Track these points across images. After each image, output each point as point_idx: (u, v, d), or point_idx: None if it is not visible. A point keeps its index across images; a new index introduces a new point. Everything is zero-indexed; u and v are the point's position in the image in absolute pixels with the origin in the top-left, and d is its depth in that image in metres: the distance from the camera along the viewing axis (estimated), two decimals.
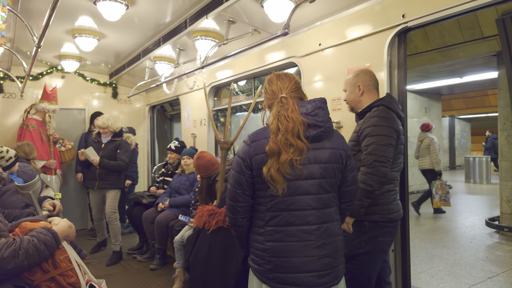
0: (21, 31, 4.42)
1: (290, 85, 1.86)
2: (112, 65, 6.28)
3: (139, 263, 4.79)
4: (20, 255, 1.71)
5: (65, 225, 2.06)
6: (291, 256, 1.73)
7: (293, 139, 1.69)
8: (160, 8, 3.83)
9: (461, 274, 4.32)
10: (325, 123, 1.77)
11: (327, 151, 1.77)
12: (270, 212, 1.77)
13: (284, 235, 1.74)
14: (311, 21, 3.48)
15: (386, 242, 2.51)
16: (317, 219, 1.75)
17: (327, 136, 1.80)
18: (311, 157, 1.74)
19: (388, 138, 2.34)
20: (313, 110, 1.77)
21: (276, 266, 1.74)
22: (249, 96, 5.01)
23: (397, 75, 2.83)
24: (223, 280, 2.63)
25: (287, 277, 1.73)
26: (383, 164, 2.30)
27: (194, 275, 2.90)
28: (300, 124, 1.72)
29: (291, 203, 1.74)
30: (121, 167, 4.90)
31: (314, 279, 1.73)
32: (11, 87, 5.98)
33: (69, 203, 6.28)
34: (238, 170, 1.81)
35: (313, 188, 1.74)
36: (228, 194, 1.86)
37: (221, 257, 2.68)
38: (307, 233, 1.74)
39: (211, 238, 2.75)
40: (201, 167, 3.61)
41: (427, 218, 7.42)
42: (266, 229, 1.78)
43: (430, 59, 6.84)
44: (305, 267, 1.72)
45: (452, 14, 2.46)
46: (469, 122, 20.78)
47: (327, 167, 1.76)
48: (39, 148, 5.39)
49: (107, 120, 4.94)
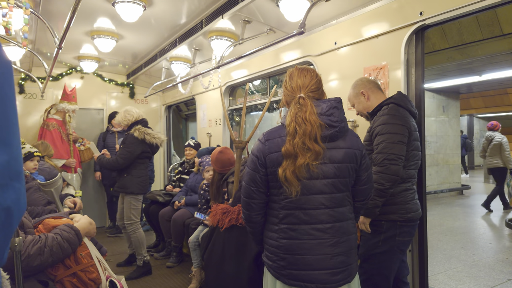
0: (42, 33, 4.53)
1: (311, 84, 1.85)
2: (130, 65, 6.38)
3: (156, 260, 4.85)
4: (45, 253, 1.77)
5: (86, 222, 2.11)
6: (304, 253, 1.74)
7: (310, 142, 1.69)
8: (177, 9, 3.88)
9: (480, 276, 4.25)
10: (340, 123, 1.76)
11: (341, 151, 1.77)
12: (284, 210, 1.78)
13: (297, 233, 1.75)
14: (326, 20, 3.47)
15: (404, 242, 2.48)
16: (330, 217, 1.76)
17: (342, 136, 1.79)
18: (325, 157, 1.74)
19: (397, 136, 2.32)
20: (328, 110, 1.77)
21: (290, 263, 1.76)
22: (264, 96, 5.02)
23: (414, 73, 2.80)
24: (237, 277, 2.66)
25: (300, 274, 1.74)
26: (393, 162, 2.29)
27: (209, 272, 2.94)
28: (318, 127, 1.71)
29: (305, 202, 1.75)
30: (111, 165, 4.29)
31: (327, 276, 1.73)
32: (32, 87, 6.13)
33: (88, 201, 6.41)
34: (252, 167, 1.82)
35: (326, 187, 1.75)
36: (243, 191, 1.88)
37: (235, 255, 2.72)
38: (320, 231, 1.75)
39: (225, 236, 2.79)
40: (219, 162, 3.66)
41: (444, 219, 7.31)
42: (280, 226, 1.79)
43: (448, 57, 6.72)
44: (319, 264, 1.73)
45: (470, 11, 2.42)
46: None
47: (341, 167, 1.76)
48: (59, 147, 5.52)
49: (119, 116, 4.57)
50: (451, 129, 10.51)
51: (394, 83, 2.84)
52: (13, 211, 0.55)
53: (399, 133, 2.33)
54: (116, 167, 4.27)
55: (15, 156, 0.55)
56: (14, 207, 0.55)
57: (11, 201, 0.54)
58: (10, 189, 0.54)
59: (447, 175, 10.25)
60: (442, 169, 10.17)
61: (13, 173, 0.55)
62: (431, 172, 9.83)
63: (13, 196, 0.55)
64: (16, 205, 0.55)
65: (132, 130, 4.27)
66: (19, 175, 0.56)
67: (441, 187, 10.05)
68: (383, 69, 2.94)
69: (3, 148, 0.53)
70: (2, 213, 0.53)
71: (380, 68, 2.97)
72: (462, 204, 9.02)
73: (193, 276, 3.93)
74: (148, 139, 4.25)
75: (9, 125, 0.55)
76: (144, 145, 4.27)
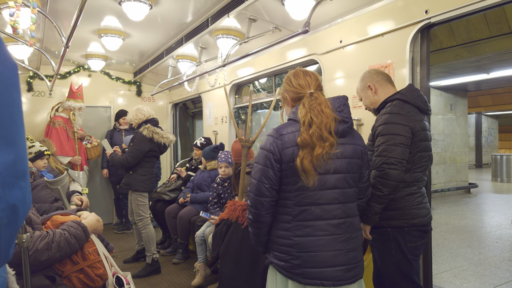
0: (50, 32, 4.58)
1: (317, 83, 1.90)
2: (136, 63, 6.42)
3: (162, 256, 4.89)
4: (52, 248, 1.80)
5: (93, 219, 2.14)
6: (319, 250, 1.73)
7: (326, 133, 1.72)
8: (183, 7, 3.90)
9: (485, 274, 4.23)
10: (350, 119, 1.83)
11: (350, 146, 1.82)
12: (298, 206, 1.77)
13: (312, 230, 1.75)
14: (332, 18, 3.47)
15: (417, 247, 2.27)
16: (343, 213, 1.78)
17: (351, 132, 1.85)
18: (338, 152, 1.77)
19: (399, 137, 2.14)
20: (339, 106, 1.83)
21: (305, 261, 1.74)
22: (269, 94, 5.03)
23: (419, 71, 2.79)
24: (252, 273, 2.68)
25: (315, 272, 1.73)
26: (392, 166, 2.11)
27: (224, 266, 2.94)
28: (333, 120, 1.75)
29: (320, 197, 1.75)
30: (121, 163, 4.26)
31: (342, 273, 1.74)
32: (40, 85, 6.20)
33: (96, 198, 6.47)
34: (265, 163, 1.78)
35: (339, 182, 1.78)
36: (253, 189, 1.82)
37: (251, 255, 2.71)
38: (334, 227, 1.76)
39: (244, 233, 2.80)
40: (234, 151, 3.75)
41: (451, 217, 7.27)
42: (294, 223, 1.77)
43: (455, 55, 6.67)
44: (333, 261, 1.74)
45: (477, 9, 2.41)
46: (497, 119, 20.12)
47: (351, 162, 1.81)
48: (65, 145, 5.58)
49: (130, 114, 4.56)
50: (459, 127, 10.44)
51: (400, 81, 2.83)
52: (19, 208, 0.57)
53: (401, 135, 2.14)
54: (126, 166, 4.27)
55: (21, 155, 0.58)
56: (20, 204, 0.57)
57: (17, 199, 0.57)
58: (17, 188, 0.56)
59: (454, 174, 10.19)
60: (450, 168, 10.12)
61: (19, 172, 0.57)
62: (438, 171, 9.78)
63: (19, 194, 0.57)
64: (22, 203, 0.58)
65: (141, 129, 4.27)
66: (24, 174, 0.59)
67: (448, 185, 9.99)
68: (388, 68, 2.94)
69: (10, 148, 0.56)
70: (9, 210, 0.55)
71: (385, 66, 2.97)
72: (469, 203, 8.96)
73: (197, 271, 3.97)
74: (156, 138, 4.23)
75: (16, 126, 0.57)
76: (152, 143, 4.25)
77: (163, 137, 4.30)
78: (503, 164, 12.91)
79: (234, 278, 2.80)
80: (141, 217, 4.32)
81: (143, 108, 4.46)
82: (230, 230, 2.95)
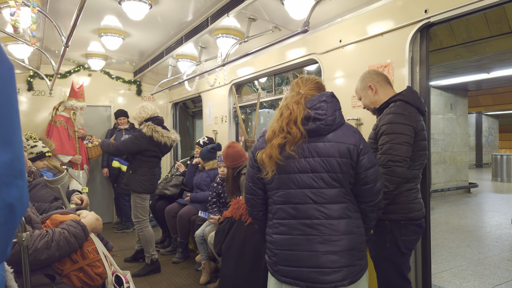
0: (50, 31, 4.58)
1: (312, 84, 1.90)
2: (136, 63, 6.42)
3: (162, 256, 4.90)
4: (52, 247, 1.81)
5: (92, 218, 2.15)
6: (294, 249, 1.75)
7: (288, 126, 1.75)
8: (183, 7, 3.90)
9: (485, 274, 4.23)
10: (328, 116, 1.75)
11: (329, 144, 1.75)
12: (276, 205, 1.83)
13: (287, 228, 1.78)
14: (331, 18, 3.47)
15: (411, 241, 2.40)
16: (320, 214, 1.73)
17: (332, 129, 1.77)
18: (312, 150, 1.75)
19: (403, 136, 2.25)
20: (315, 104, 1.79)
21: (281, 259, 1.78)
22: (269, 93, 5.03)
23: (419, 71, 2.79)
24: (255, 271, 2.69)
25: (291, 271, 1.75)
26: (397, 163, 2.22)
27: (226, 264, 2.96)
28: (300, 112, 1.76)
29: (293, 196, 1.77)
30: (109, 148, 4.20)
31: (317, 275, 1.70)
32: (40, 85, 6.20)
33: (96, 197, 6.49)
34: (250, 164, 1.92)
35: (314, 182, 1.74)
36: (245, 189, 1.96)
37: (254, 252, 2.74)
38: (309, 227, 1.73)
39: (247, 231, 2.82)
40: (229, 156, 3.68)
41: (451, 217, 7.28)
42: (273, 221, 1.84)
43: (455, 54, 6.66)
44: (308, 262, 1.72)
45: (476, 9, 2.40)
46: (497, 119, 20.11)
47: (329, 161, 1.73)
48: (66, 144, 5.59)
49: (134, 111, 4.47)
50: (459, 126, 10.43)
51: (399, 81, 2.83)
52: (16, 207, 0.58)
53: (405, 134, 2.25)
54: (114, 153, 4.29)
55: (17, 155, 0.58)
56: (17, 203, 0.58)
57: (15, 198, 0.57)
58: (14, 187, 0.57)
59: (454, 173, 10.19)
60: (450, 167, 10.11)
61: (16, 171, 0.58)
62: (438, 170, 9.77)
63: (16, 193, 0.57)
64: (19, 202, 0.58)
65: (141, 126, 4.16)
66: (21, 173, 0.59)
67: (448, 185, 9.99)
68: (388, 67, 2.94)
69: (7, 147, 0.56)
70: (6, 209, 0.56)
71: (384, 66, 2.97)
72: (469, 202, 8.96)
73: (203, 269, 3.98)
74: (156, 137, 4.08)
75: (13, 125, 0.58)
76: (151, 143, 4.11)
77: (164, 136, 4.15)
78: (503, 164, 12.91)
79: (235, 276, 2.81)
80: (138, 219, 4.25)
81: (147, 105, 4.36)
82: (233, 228, 2.97)
